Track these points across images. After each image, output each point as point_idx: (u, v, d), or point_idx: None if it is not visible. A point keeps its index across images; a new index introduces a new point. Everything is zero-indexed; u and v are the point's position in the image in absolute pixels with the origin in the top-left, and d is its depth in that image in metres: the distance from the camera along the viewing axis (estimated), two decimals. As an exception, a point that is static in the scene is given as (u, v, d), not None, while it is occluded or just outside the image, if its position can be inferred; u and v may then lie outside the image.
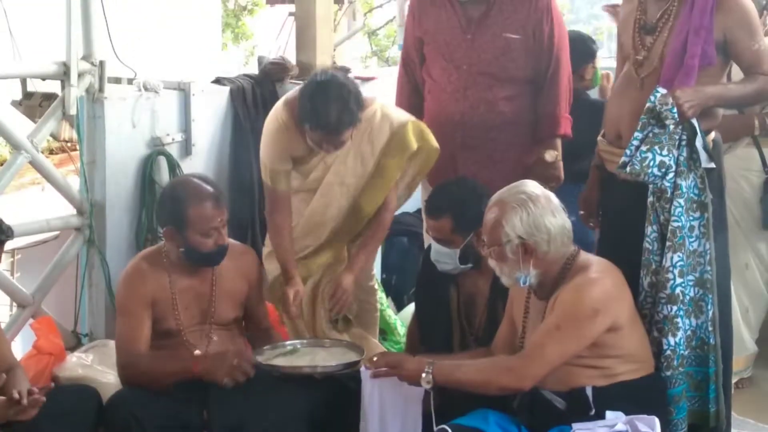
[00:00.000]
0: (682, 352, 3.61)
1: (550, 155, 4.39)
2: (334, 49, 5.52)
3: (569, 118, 4.46)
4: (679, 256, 3.58)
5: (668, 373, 3.58)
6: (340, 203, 4.33)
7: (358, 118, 4.00)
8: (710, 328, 3.65)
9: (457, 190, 3.96)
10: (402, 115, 4.29)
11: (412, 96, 4.65)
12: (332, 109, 3.91)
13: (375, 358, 3.64)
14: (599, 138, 3.95)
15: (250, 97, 5.27)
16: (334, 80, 3.99)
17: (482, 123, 4.39)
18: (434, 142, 4.28)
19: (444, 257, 3.94)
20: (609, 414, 3.25)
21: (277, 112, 4.22)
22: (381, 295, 5.07)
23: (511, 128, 4.41)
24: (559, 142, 4.45)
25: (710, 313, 3.65)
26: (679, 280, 3.59)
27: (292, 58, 5.53)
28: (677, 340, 3.59)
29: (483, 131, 4.40)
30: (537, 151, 4.45)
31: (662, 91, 3.53)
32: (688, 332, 3.63)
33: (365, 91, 5.56)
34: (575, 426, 3.22)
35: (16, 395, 3.35)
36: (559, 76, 4.42)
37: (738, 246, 4.67)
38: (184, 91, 4.98)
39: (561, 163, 4.42)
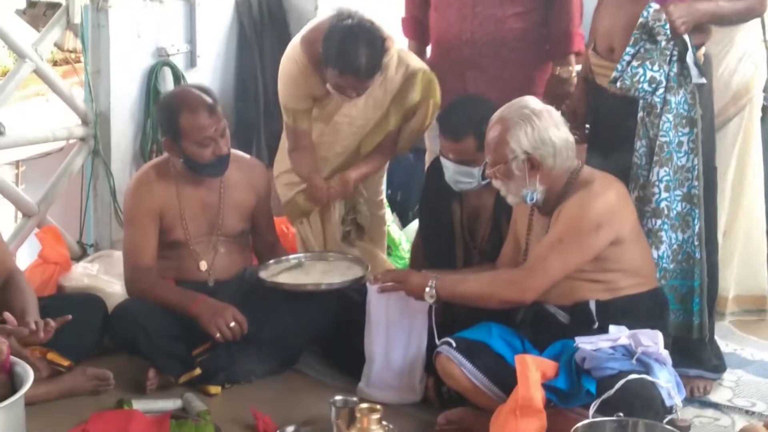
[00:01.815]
0: (665, 265, 3.64)
1: (566, 71, 4.31)
2: (340, -38, 5.43)
3: (582, 35, 4.38)
4: (665, 171, 3.59)
5: None
6: (346, 142, 4.29)
7: (383, 63, 3.94)
8: (696, 243, 3.67)
9: (474, 108, 3.86)
10: (416, 63, 4.21)
11: (423, 4, 4.50)
12: (363, 54, 3.83)
13: (380, 275, 3.67)
14: (590, 50, 3.92)
15: (256, 9, 5.22)
16: (362, 24, 3.88)
17: (492, 41, 4.26)
18: (438, 95, 4.20)
19: (465, 176, 3.87)
20: (612, 328, 3.26)
21: (294, 53, 4.11)
22: (386, 210, 5.08)
23: (521, 46, 4.29)
24: (573, 59, 4.36)
25: (697, 227, 3.66)
26: (664, 195, 3.61)
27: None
28: (660, 253, 3.62)
29: (493, 49, 4.27)
30: (551, 68, 4.36)
31: (655, 6, 3.50)
32: (674, 246, 3.65)
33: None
34: (578, 339, 3.24)
35: (33, 326, 3.32)
36: None
37: None
38: (189, 1, 4.93)
39: (575, 80, 4.35)
